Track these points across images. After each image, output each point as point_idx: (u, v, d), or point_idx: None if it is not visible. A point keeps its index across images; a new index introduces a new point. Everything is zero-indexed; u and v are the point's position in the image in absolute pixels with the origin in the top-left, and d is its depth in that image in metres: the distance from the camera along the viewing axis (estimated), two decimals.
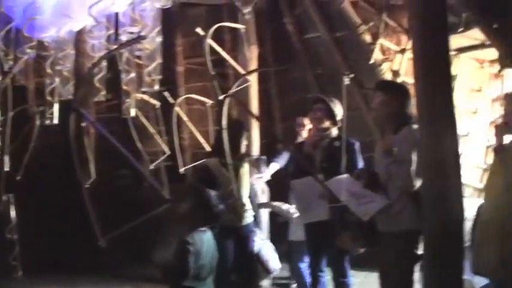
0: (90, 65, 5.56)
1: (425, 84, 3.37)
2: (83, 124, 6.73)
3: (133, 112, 5.50)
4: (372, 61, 7.01)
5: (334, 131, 5.02)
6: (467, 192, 7.90)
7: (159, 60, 4.74)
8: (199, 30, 4.47)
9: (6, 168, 5.94)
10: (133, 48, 4.64)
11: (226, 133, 3.72)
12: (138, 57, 5.22)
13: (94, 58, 5.82)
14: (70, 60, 5.98)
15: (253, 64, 7.10)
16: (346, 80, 3.40)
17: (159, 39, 4.77)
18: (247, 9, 4.40)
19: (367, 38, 7.10)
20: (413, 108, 3.89)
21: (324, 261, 5.15)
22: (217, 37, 7.84)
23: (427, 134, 3.34)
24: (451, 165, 3.28)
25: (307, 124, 5.93)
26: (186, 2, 7.87)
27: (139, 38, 3.74)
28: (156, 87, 4.90)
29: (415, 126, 3.73)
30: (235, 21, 6.64)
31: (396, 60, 7.19)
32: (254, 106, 7.13)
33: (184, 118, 6.36)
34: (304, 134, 6.07)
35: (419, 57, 3.44)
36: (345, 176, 4.38)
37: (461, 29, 6.29)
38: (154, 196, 3.52)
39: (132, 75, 5.04)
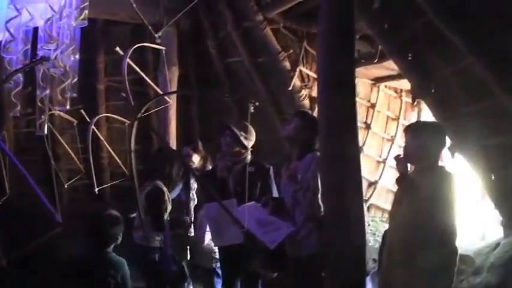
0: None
1: (328, 108, 3.40)
2: None
3: (46, 129, 5.37)
4: (290, 87, 7.15)
5: (249, 156, 5.08)
6: (383, 216, 8.15)
7: (74, 78, 4.66)
8: (118, 49, 4.43)
9: None
10: (49, 65, 4.54)
11: (133, 156, 3.69)
12: (54, 74, 5.11)
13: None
14: None
15: (174, 85, 7.08)
16: (251, 108, 3.47)
17: (75, 57, 4.69)
18: (158, 34, 4.39)
19: (287, 64, 7.19)
20: None
21: (238, 284, 5.17)
22: (140, 56, 7.83)
23: (328, 159, 3.38)
24: (353, 191, 3.31)
25: (194, 154, 5.96)
26: (110, 20, 7.77)
27: (42, 60, 3.67)
28: (68, 105, 4.81)
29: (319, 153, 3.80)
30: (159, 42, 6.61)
31: (315, 87, 7.36)
32: (173, 128, 7.11)
33: (100, 137, 6.26)
34: (195, 163, 6.05)
35: (324, 84, 3.47)
36: (251, 203, 4.36)
37: (376, 60, 6.53)
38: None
39: (47, 92, 4.92)
